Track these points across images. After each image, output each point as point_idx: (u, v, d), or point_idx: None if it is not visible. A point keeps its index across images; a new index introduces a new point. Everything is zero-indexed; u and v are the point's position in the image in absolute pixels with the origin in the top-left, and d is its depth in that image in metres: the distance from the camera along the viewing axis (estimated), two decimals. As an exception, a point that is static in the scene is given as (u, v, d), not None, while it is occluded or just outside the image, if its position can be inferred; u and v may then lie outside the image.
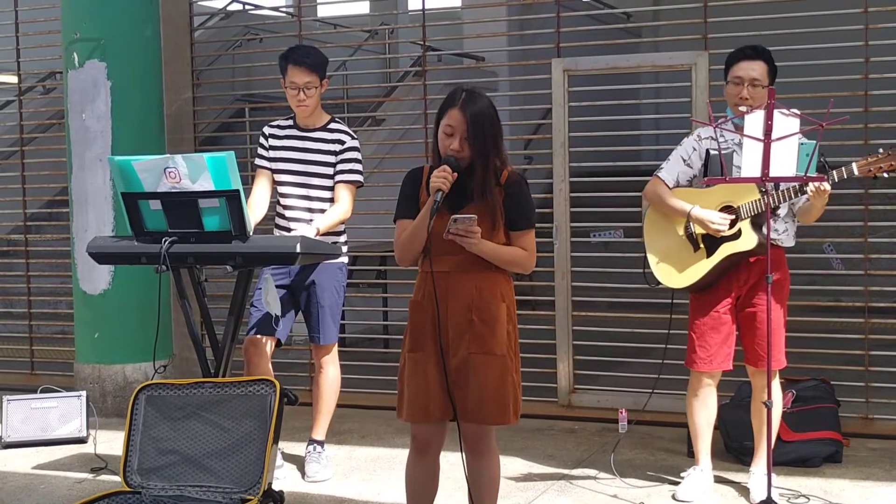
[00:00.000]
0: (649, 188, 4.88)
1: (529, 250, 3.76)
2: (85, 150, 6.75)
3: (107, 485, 5.14)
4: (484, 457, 3.83)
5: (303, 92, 5.20)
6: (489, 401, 3.69)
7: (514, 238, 3.75)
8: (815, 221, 4.75)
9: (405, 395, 3.80)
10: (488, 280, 3.73)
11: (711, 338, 4.78)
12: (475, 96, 3.69)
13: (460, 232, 3.58)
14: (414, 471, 3.93)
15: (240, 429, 4.40)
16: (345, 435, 6.10)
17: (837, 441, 5.39)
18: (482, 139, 3.66)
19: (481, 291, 3.71)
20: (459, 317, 3.70)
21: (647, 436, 5.93)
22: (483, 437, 3.80)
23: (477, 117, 3.65)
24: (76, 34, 6.75)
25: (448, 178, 3.62)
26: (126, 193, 4.58)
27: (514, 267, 3.75)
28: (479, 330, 3.69)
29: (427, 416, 3.76)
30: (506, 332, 3.74)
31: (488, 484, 3.85)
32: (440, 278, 3.70)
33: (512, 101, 8.28)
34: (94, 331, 6.86)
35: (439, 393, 3.73)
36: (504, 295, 3.76)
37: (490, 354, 3.70)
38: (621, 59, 6.77)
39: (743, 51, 4.74)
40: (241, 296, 4.76)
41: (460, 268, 3.71)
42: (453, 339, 3.71)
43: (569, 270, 6.62)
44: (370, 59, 10.89)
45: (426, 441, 3.86)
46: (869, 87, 6.09)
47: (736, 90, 4.68)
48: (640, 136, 8.50)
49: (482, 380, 3.68)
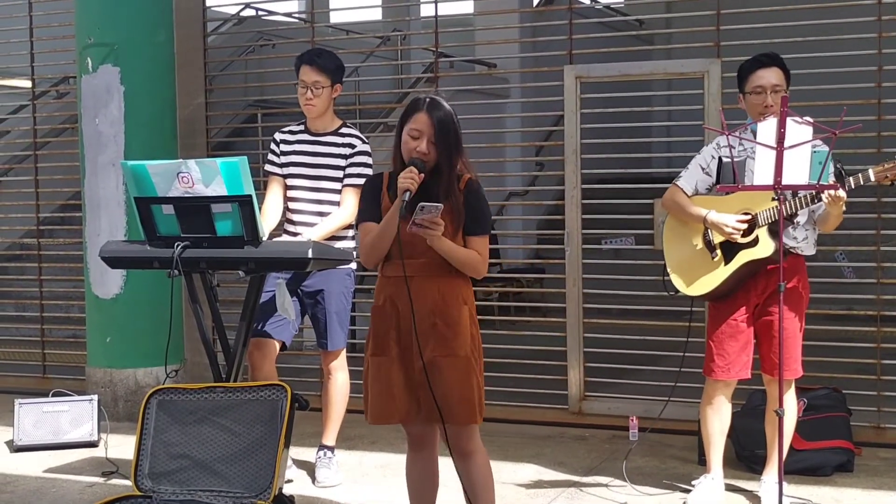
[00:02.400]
0: (667, 196, 4.87)
1: (483, 255, 3.84)
2: (98, 155, 6.77)
3: (118, 489, 5.15)
4: (471, 457, 3.88)
5: (310, 90, 5.21)
6: (456, 402, 3.77)
7: (470, 242, 3.83)
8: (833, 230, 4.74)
9: (368, 398, 3.90)
10: (450, 284, 3.81)
11: (730, 346, 4.76)
12: (439, 102, 3.81)
13: (425, 223, 3.63)
14: (412, 468, 4.04)
15: (251, 434, 4.41)
16: (355, 440, 6.11)
17: (849, 450, 5.37)
18: (447, 143, 3.76)
19: (444, 295, 3.79)
20: (423, 320, 3.77)
21: (657, 443, 5.91)
22: (466, 437, 3.85)
23: (443, 121, 3.76)
24: (90, 39, 6.78)
25: (415, 179, 3.70)
26: (139, 198, 4.59)
27: (467, 269, 3.82)
28: (442, 333, 3.77)
29: (390, 418, 3.86)
30: (469, 335, 3.81)
31: (481, 483, 3.90)
32: (402, 283, 3.75)
33: (524, 107, 8.29)
34: (106, 335, 6.87)
35: (403, 395, 3.82)
36: (465, 298, 3.84)
37: (454, 356, 3.77)
38: (633, 67, 6.78)
39: (758, 59, 4.73)
40: (253, 301, 4.76)
41: (423, 272, 3.78)
42: (418, 343, 3.77)
43: (580, 277, 6.62)
44: (382, 65, 10.90)
45: (419, 439, 3.97)
46: (882, 96, 6.08)
47: (759, 99, 4.64)
48: (652, 144, 8.49)
49: (447, 381, 3.76)
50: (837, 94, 6.11)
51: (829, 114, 4.96)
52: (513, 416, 6.57)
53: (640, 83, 7.28)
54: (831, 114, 4.57)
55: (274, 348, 5.27)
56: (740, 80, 4.78)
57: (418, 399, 3.81)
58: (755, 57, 4.75)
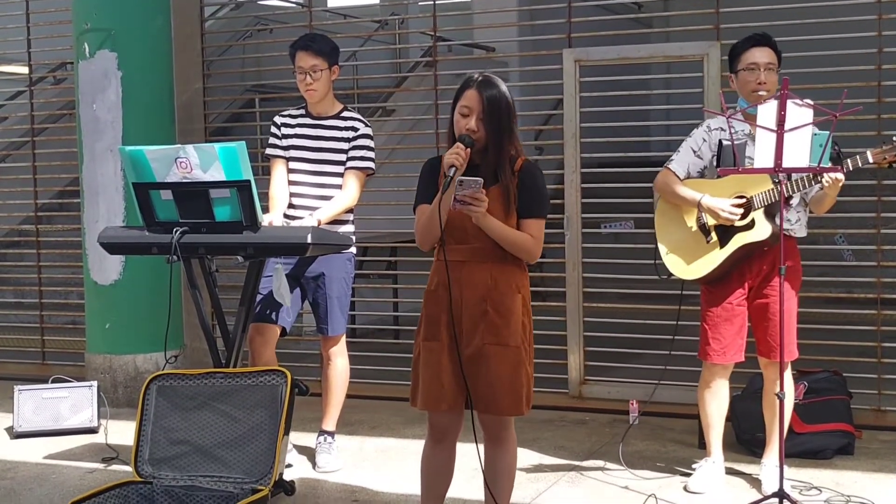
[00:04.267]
0: (660, 179, 4.86)
1: (537, 238, 3.75)
2: (95, 141, 6.75)
3: (118, 475, 5.15)
4: (503, 445, 3.84)
5: (309, 76, 5.19)
6: (503, 392, 3.69)
7: (523, 225, 3.74)
8: (826, 212, 4.74)
9: (419, 383, 3.80)
10: (504, 270, 3.72)
11: (725, 329, 4.76)
12: (492, 80, 3.72)
13: (466, 198, 3.56)
14: (430, 459, 3.93)
15: (251, 419, 4.41)
16: (355, 425, 6.11)
17: (849, 433, 5.37)
18: (497, 121, 3.68)
19: (497, 282, 3.70)
20: (474, 307, 3.69)
21: (658, 427, 5.91)
22: (502, 425, 3.81)
23: (493, 99, 3.67)
24: (87, 25, 6.75)
25: (461, 155, 3.62)
26: (137, 184, 4.58)
27: (519, 252, 3.73)
28: (493, 320, 3.68)
29: (440, 405, 3.76)
30: (520, 324, 3.73)
31: (506, 471, 3.86)
32: (455, 267, 3.70)
33: (523, 91, 8.25)
34: (106, 321, 6.87)
35: (452, 382, 3.73)
36: (519, 286, 3.76)
37: (504, 345, 3.69)
38: (633, 50, 6.75)
39: (753, 38, 4.72)
40: (252, 286, 4.76)
41: (476, 257, 3.71)
42: (468, 329, 3.70)
43: (580, 262, 6.61)
44: (380, 49, 10.87)
45: (443, 429, 3.87)
46: (882, 78, 6.05)
47: (753, 76, 4.63)
48: (651, 127, 8.47)
49: (496, 371, 3.68)
50: (837, 76, 6.09)
51: (829, 96, 4.95)
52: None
53: (639, 66, 7.25)
54: (831, 96, 4.54)
55: (275, 334, 5.26)
56: (732, 59, 4.77)
57: (466, 387, 3.72)
58: (749, 36, 4.74)
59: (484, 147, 3.70)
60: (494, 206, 3.65)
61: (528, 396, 3.78)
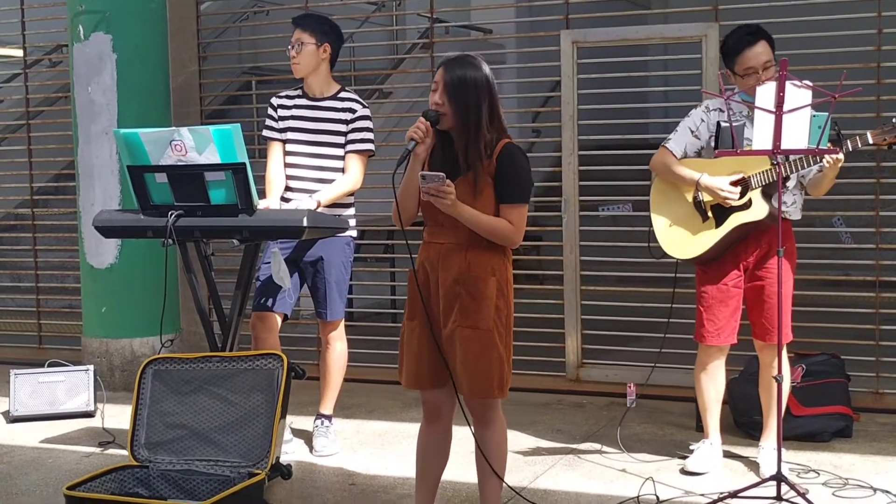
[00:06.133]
0: (656, 158, 4.84)
1: (516, 224, 3.72)
2: (91, 124, 6.72)
3: (114, 459, 5.14)
4: (488, 426, 3.84)
5: (294, 49, 5.18)
6: (471, 374, 3.71)
7: (502, 210, 3.72)
8: (825, 194, 4.71)
9: (403, 361, 3.86)
10: (480, 254, 3.72)
11: (720, 311, 4.75)
12: (466, 60, 3.71)
13: (431, 191, 3.56)
14: (425, 439, 3.94)
15: (247, 403, 4.40)
16: (352, 409, 6.10)
17: (847, 416, 5.37)
18: (464, 100, 3.65)
19: (471, 265, 3.71)
20: (448, 289, 3.71)
21: (655, 410, 5.91)
22: (485, 406, 3.81)
23: (460, 77, 3.66)
24: (81, 7, 6.71)
25: (421, 128, 3.63)
26: (132, 167, 4.55)
27: (496, 238, 3.71)
28: (465, 303, 3.70)
29: (420, 383, 3.82)
30: (493, 307, 3.71)
31: (495, 451, 3.86)
32: (434, 249, 3.75)
33: (520, 73, 8.21)
34: (102, 305, 6.85)
35: (431, 361, 3.77)
36: (495, 269, 3.73)
37: (475, 328, 3.69)
38: (631, 31, 6.71)
39: (743, 39, 4.62)
40: (248, 270, 4.74)
41: (453, 240, 3.72)
42: (443, 312, 3.73)
43: (577, 244, 6.59)
44: (377, 31, 10.81)
45: (436, 407, 3.88)
46: (881, 59, 6.02)
47: (752, 80, 4.53)
48: (650, 109, 8.43)
49: (465, 353, 3.70)
50: (837, 57, 6.06)
51: (828, 78, 4.92)
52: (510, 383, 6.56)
53: (637, 48, 7.21)
54: (831, 77, 4.51)
55: (277, 321, 5.24)
56: (728, 57, 4.69)
57: (446, 367, 3.75)
58: (739, 35, 4.65)
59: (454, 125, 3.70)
60: (463, 193, 3.64)
61: (503, 379, 3.77)
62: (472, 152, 3.67)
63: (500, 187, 3.70)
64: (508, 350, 3.79)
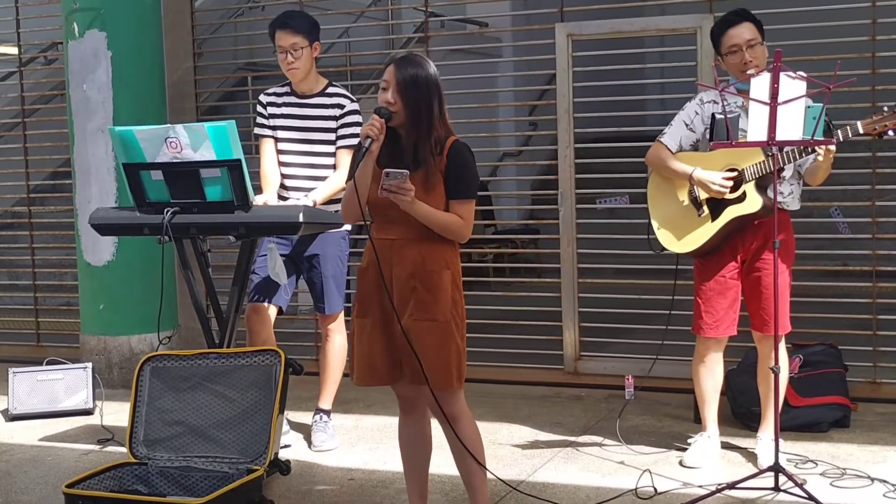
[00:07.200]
0: (651, 152, 4.85)
1: (465, 219, 3.78)
2: (86, 121, 6.71)
3: (113, 456, 5.14)
4: (455, 421, 3.85)
5: (290, 54, 5.16)
6: (432, 366, 3.73)
7: (452, 206, 3.77)
8: (821, 184, 4.71)
9: (353, 359, 3.88)
10: (433, 248, 3.75)
11: (718, 303, 4.76)
12: (414, 59, 3.77)
13: (392, 188, 3.59)
14: (403, 431, 3.99)
15: (245, 399, 4.40)
16: (351, 404, 6.10)
17: (845, 406, 5.37)
18: (414, 98, 3.71)
19: (425, 259, 3.74)
20: (403, 284, 3.74)
21: (653, 402, 5.92)
22: (447, 401, 3.81)
23: (410, 77, 3.71)
24: (76, 4, 6.70)
25: (376, 126, 3.66)
26: (127, 164, 4.55)
27: (447, 233, 3.77)
28: (422, 296, 3.73)
29: (373, 379, 3.84)
30: (449, 299, 3.76)
31: (470, 446, 3.86)
32: (386, 246, 3.76)
33: (516, 66, 8.21)
34: (99, 302, 6.85)
35: (385, 358, 3.80)
36: (448, 262, 3.79)
37: (432, 320, 3.72)
38: (626, 24, 6.70)
39: (726, 19, 4.68)
40: (245, 266, 4.74)
41: (405, 236, 3.75)
42: (398, 306, 3.75)
43: (574, 237, 6.59)
44: (372, 25, 10.79)
45: (408, 400, 3.93)
46: (876, 49, 6.02)
47: (737, 58, 4.61)
48: (646, 101, 8.42)
49: (425, 346, 3.72)
50: (831, 47, 6.05)
51: (823, 68, 4.92)
52: (508, 376, 6.58)
53: (632, 40, 7.20)
54: (826, 68, 4.51)
55: (271, 314, 5.25)
56: (715, 42, 4.73)
57: (400, 362, 3.79)
58: (723, 17, 4.71)
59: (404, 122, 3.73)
60: (416, 188, 3.67)
61: (460, 370, 3.80)
62: (423, 149, 3.72)
63: (450, 183, 3.76)
64: (464, 341, 3.84)
